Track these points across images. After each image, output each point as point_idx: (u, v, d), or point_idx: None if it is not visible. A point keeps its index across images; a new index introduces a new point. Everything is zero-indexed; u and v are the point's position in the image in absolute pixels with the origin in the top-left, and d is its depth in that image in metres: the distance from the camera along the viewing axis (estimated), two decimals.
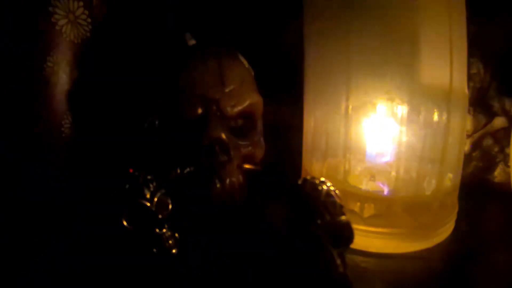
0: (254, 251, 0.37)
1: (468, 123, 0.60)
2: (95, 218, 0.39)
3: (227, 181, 0.41)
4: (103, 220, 0.37)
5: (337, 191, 0.36)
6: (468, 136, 0.60)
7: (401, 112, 0.42)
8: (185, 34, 0.44)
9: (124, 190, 0.35)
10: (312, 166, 0.48)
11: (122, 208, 0.35)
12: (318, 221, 0.33)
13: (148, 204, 0.35)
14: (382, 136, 0.44)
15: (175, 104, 0.41)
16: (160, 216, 0.35)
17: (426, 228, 0.43)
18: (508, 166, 0.59)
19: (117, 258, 0.35)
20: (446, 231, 0.45)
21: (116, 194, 0.35)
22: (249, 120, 0.44)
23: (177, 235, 0.36)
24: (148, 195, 0.35)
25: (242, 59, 0.46)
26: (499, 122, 0.60)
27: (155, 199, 0.36)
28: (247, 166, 0.43)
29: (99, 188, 0.40)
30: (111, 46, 0.46)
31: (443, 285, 0.38)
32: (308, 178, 0.36)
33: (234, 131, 0.42)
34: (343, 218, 0.34)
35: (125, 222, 0.34)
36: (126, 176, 0.37)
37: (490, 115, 0.61)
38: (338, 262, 0.32)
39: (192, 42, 0.44)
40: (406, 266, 0.40)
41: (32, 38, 0.41)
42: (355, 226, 0.35)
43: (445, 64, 0.41)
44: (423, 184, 0.44)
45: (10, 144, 0.41)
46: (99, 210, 0.38)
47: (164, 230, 0.35)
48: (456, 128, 0.43)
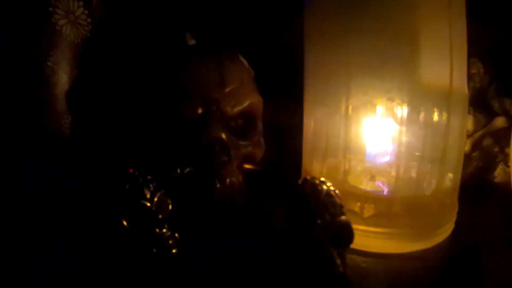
0: (254, 251, 0.37)
1: (468, 123, 0.60)
2: (95, 218, 0.39)
3: (227, 181, 0.41)
4: (103, 220, 0.37)
5: (337, 191, 0.36)
6: (468, 136, 0.60)
7: (401, 112, 0.42)
8: (185, 34, 0.44)
9: (124, 190, 0.35)
10: (312, 166, 0.48)
11: (122, 208, 0.35)
12: (318, 221, 0.33)
13: (148, 204, 0.35)
14: (382, 136, 0.44)
15: (175, 104, 0.41)
16: (160, 216, 0.35)
17: (426, 228, 0.43)
18: (508, 166, 0.59)
19: (117, 258, 0.35)
20: (446, 231, 0.45)
21: (116, 194, 0.35)
22: (249, 120, 0.44)
23: (177, 235, 0.36)
24: (148, 195, 0.36)
25: (242, 59, 0.46)
26: (499, 122, 0.60)
27: (155, 199, 0.36)
28: (247, 166, 0.43)
29: (99, 188, 0.40)
30: (111, 46, 0.46)
31: (443, 285, 0.38)
32: (308, 178, 0.36)
33: (234, 131, 0.42)
34: (343, 218, 0.34)
35: (125, 222, 0.34)
36: (126, 176, 0.37)
37: (490, 115, 0.60)
38: (338, 262, 0.32)
39: (192, 42, 0.44)
40: (406, 266, 0.40)
41: (32, 38, 0.41)
42: (355, 226, 0.35)
43: (445, 64, 0.41)
44: (423, 184, 0.44)
45: (10, 144, 0.41)
46: (99, 210, 0.38)
47: (164, 230, 0.35)
48: (456, 128, 0.43)
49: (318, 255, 0.32)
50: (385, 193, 0.44)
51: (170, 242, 0.35)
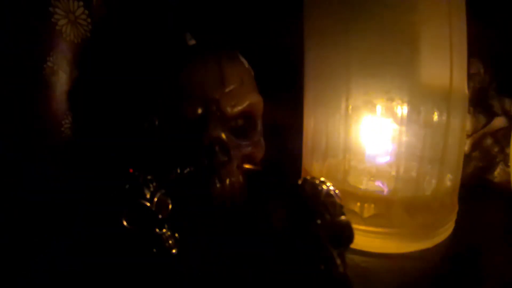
0: (254, 251, 0.37)
1: (468, 123, 0.60)
2: (95, 218, 0.39)
3: (227, 181, 0.41)
4: (103, 220, 0.37)
5: (337, 191, 0.36)
6: (468, 136, 0.60)
7: (401, 112, 0.41)
8: (185, 34, 0.44)
9: (124, 190, 0.35)
10: (312, 166, 0.48)
11: (122, 208, 0.35)
12: (318, 221, 0.33)
13: (148, 204, 0.35)
14: (382, 136, 0.44)
15: (175, 104, 0.41)
16: (160, 216, 0.35)
17: (426, 228, 0.43)
18: (508, 166, 0.59)
19: (117, 258, 0.35)
20: (446, 231, 0.45)
21: (116, 194, 0.35)
22: (249, 120, 0.44)
23: (177, 235, 0.36)
24: (148, 195, 0.36)
25: (242, 59, 0.46)
26: (499, 122, 0.60)
27: (155, 199, 0.36)
28: (247, 166, 0.43)
29: (99, 188, 0.40)
30: (111, 46, 0.46)
31: (443, 285, 0.38)
32: (308, 178, 0.36)
33: (234, 131, 0.43)
34: (343, 218, 0.34)
35: (125, 222, 0.34)
36: (126, 176, 0.37)
37: (490, 115, 0.60)
38: (338, 262, 0.32)
39: (192, 42, 0.44)
40: (406, 266, 0.40)
41: (32, 38, 0.41)
42: (355, 226, 0.35)
43: (445, 64, 0.41)
44: (423, 184, 0.44)
45: (10, 144, 0.41)
46: (99, 210, 0.38)
47: (164, 230, 0.35)
48: (456, 128, 0.43)
49: (318, 255, 0.32)
50: (385, 193, 0.44)
51: (170, 242, 0.35)
